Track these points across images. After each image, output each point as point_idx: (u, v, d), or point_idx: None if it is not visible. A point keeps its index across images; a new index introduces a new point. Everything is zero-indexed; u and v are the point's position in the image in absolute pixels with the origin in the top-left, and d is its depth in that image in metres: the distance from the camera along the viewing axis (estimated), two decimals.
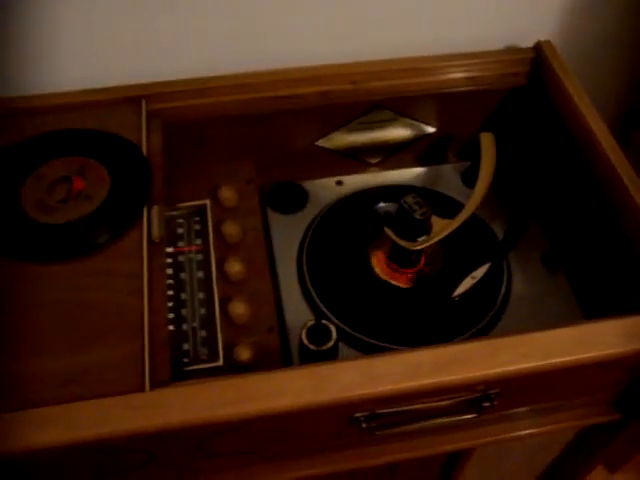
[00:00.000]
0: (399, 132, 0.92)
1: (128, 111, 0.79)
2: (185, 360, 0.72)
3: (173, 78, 0.81)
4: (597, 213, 0.77)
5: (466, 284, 0.80)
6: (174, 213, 0.82)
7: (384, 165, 0.95)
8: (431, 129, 0.92)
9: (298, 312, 0.79)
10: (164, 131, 0.79)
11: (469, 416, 0.68)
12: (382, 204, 0.89)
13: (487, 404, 0.66)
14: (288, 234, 0.86)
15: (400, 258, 0.81)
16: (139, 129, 0.77)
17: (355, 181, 0.93)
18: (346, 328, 0.76)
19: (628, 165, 0.73)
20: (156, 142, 0.77)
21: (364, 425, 0.65)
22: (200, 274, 0.78)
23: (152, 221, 0.69)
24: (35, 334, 0.61)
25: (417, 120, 0.91)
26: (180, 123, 0.82)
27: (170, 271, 0.77)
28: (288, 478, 0.72)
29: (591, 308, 0.79)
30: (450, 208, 0.83)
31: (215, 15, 0.81)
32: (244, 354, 0.71)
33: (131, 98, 0.79)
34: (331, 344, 0.69)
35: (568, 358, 0.60)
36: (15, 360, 0.59)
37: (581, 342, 0.61)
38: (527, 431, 0.76)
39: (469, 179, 0.92)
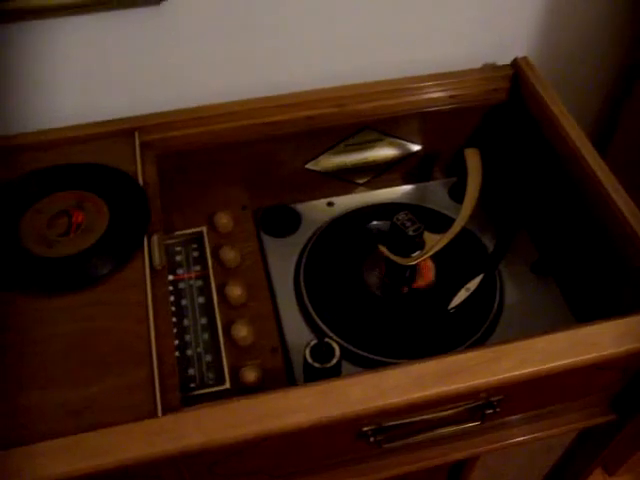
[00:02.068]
0: (386, 152, 0.94)
1: (122, 143, 0.80)
2: (192, 385, 0.73)
3: (164, 109, 0.83)
4: (582, 220, 0.80)
5: (461, 296, 0.82)
6: (172, 241, 0.84)
7: (373, 185, 0.97)
8: (417, 147, 0.95)
9: (298, 332, 0.80)
10: (158, 161, 0.81)
11: (473, 424, 0.69)
12: (374, 222, 0.91)
13: (490, 411, 0.68)
14: (283, 257, 0.88)
15: (395, 274, 0.83)
16: (134, 160, 0.79)
17: (345, 201, 0.95)
18: (346, 345, 0.77)
19: (609, 171, 0.76)
20: (151, 172, 0.79)
21: (372, 439, 0.66)
22: (201, 300, 0.79)
23: (153, 249, 0.70)
24: (44, 367, 0.62)
25: (403, 139, 0.94)
26: (173, 153, 0.83)
27: (171, 298, 0.78)
28: None
29: (582, 312, 0.82)
30: (440, 223, 0.85)
31: (203, 46, 0.83)
32: (250, 376, 0.72)
33: (124, 130, 0.81)
34: (335, 361, 0.70)
35: (566, 361, 0.62)
36: (25, 393, 0.60)
37: (577, 345, 0.63)
38: (529, 436, 0.78)
39: (456, 194, 0.94)
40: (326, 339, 0.71)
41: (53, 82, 0.81)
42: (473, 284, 0.83)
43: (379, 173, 0.97)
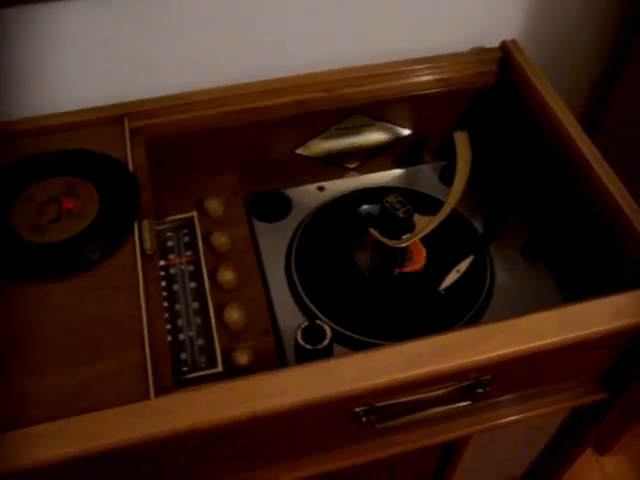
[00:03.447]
0: (375, 136, 0.95)
1: (111, 130, 0.80)
2: (184, 369, 0.73)
3: (153, 95, 0.83)
4: (571, 201, 0.80)
5: (451, 278, 0.82)
6: (162, 227, 0.84)
7: (363, 169, 0.98)
8: (406, 131, 0.95)
9: (290, 315, 0.80)
10: (148, 147, 0.81)
11: (464, 403, 0.70)
12: (364, 206, 0.91)
13: (481, 390, 0.68)
14: (274, 241, 0.88)
15: (386, 257, 0.83)
16: (123, 146, 0.79)
17: (336, 186, 0.95)
18: (337, 327, 0.77)
19: (597, 153, 0.77)
20: (141, 158, 0.79)
21: (364, 419, 0.66)
22: (193, 284, 0.80)
23: (144, 234, 0.71)
24: (38, 352, 0.62)
25: (392, 123, 0.94)
26: (162, 139, 0.83)
27: (163, 283, 0.79)
28: (293, 478, 0.73)
29: (571, 292, 0.82)
30: (430, 206, 0.85)
31: (191, 31, 0.83)
32: (242, 358, 0.73)
33: (113, 117, 0.81)
34: (326, 343, 0.71)
35: (555, 339, 0.63)
36: (19, 379, 0.60)
37: (566, 322, 0.64)
38: (520, 416, 0.79)
39: (446, 177, 0.95)
40: (317, 321, 0.72)
41: (42, 69, 0.81)
42: (464, 265, 0.83)
43: (369, 157, 0.97)
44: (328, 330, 0.71)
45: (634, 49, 1.00)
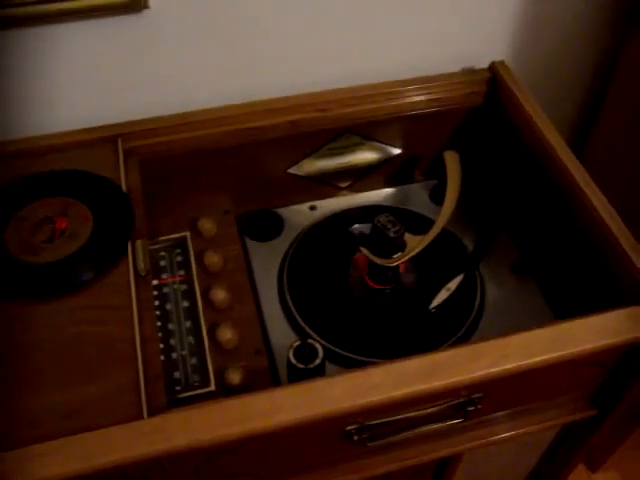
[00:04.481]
0: (367, 155, 0.96)
1: (105, 150, 0.81)
2: (177, 388, 0.73)
3: (146, 116, 0.84)
4: (560, 220, 0.81)
5: (442, 296, 0.83)
6: (156, 246, 0.85)
7: (355, 188, 0.99)
8: (397, 151, 0.96)
9: (282, 334, 0.81)
10: (141, 167, 0.81)
11: (456, 421, 0.70)
12: (356, 225, 0.92)
13: (472, 408, 0.69)
14: (267, 260, 0.89)
15: (377, 275, 0.84)
16: (117, 167, 0.79)
17: (328, 205, 0.96)
18: (329, 346, 0.78)
19: (584, 171, 0.78)
20: (134, 178, 0.79)
21: (356, 438, 0.67)
22: (185, 304, 0.80)
23: (137, 255, 0.71)
24: (32, 372, 0.62)
25: (384, 143, 0.95)
26: (156, 159, 0.84)
27: (156, 303, 0.79)
28: None
29: (560, 310, 0.83)
30: (421, 225, 0.86)
31: (185, 52, 0.84)
32: (235, 378, 0.73)
33: (107, 137, 0.82)
34: (318, 362, 0.71)
35: (544, 357, 0.64)
36: (14, 399, 0.60)
37: (556, 340, 0.65)
38: (511, 433, 0.79)
39: (437, 196, 0.96)
40: (309, 340, 0.72)
41: (36, 90, 0.82)
42: (454, 284, 0.84)
43: (361, 176, 0.98)
44: (320, 349, 0.72)
45: (621, 72, 1.01)
